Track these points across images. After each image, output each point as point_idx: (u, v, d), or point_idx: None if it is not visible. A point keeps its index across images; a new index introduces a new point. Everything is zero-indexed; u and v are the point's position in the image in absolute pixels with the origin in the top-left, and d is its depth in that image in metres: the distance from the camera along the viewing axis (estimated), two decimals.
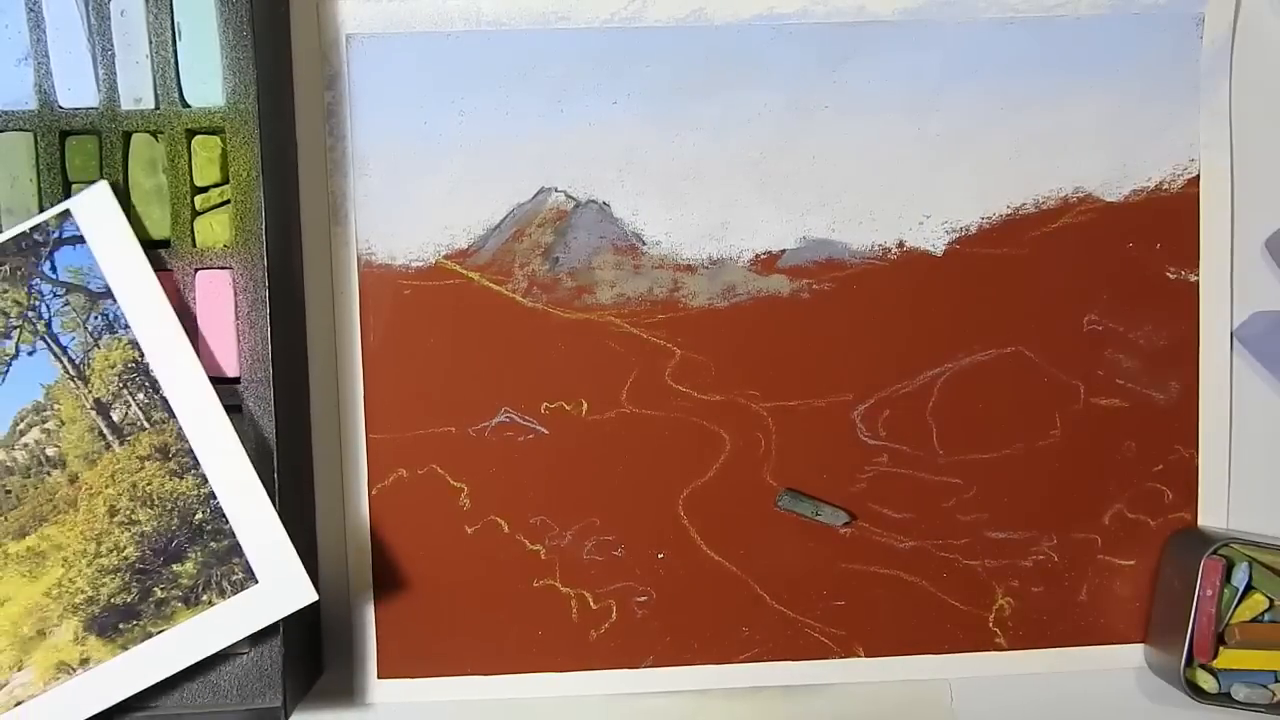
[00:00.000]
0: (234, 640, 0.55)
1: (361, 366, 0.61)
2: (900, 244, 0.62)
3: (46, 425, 0.56)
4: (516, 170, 0.61)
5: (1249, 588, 0.60)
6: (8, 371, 0.56)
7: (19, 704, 0.55)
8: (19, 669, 0.55)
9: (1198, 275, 0.63)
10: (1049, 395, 0.63)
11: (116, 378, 0.55)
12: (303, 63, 0.61)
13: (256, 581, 0.55)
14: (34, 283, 0.55)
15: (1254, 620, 0.60)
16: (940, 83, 0.62)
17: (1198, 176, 0.63)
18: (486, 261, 0.62)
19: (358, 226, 0.61)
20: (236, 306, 0.56)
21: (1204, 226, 0.63)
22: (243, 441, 0.55)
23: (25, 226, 0.55)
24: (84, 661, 0.55)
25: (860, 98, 0.62)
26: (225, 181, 0.57)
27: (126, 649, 0.55)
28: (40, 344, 0.55)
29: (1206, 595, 0.60)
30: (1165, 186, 0.63)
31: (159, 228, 0.57)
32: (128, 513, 0.55)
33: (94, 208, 0.55)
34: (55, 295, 0.55)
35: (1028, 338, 0.63)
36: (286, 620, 0.56)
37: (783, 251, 0.62)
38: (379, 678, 0.63)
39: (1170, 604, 0.62)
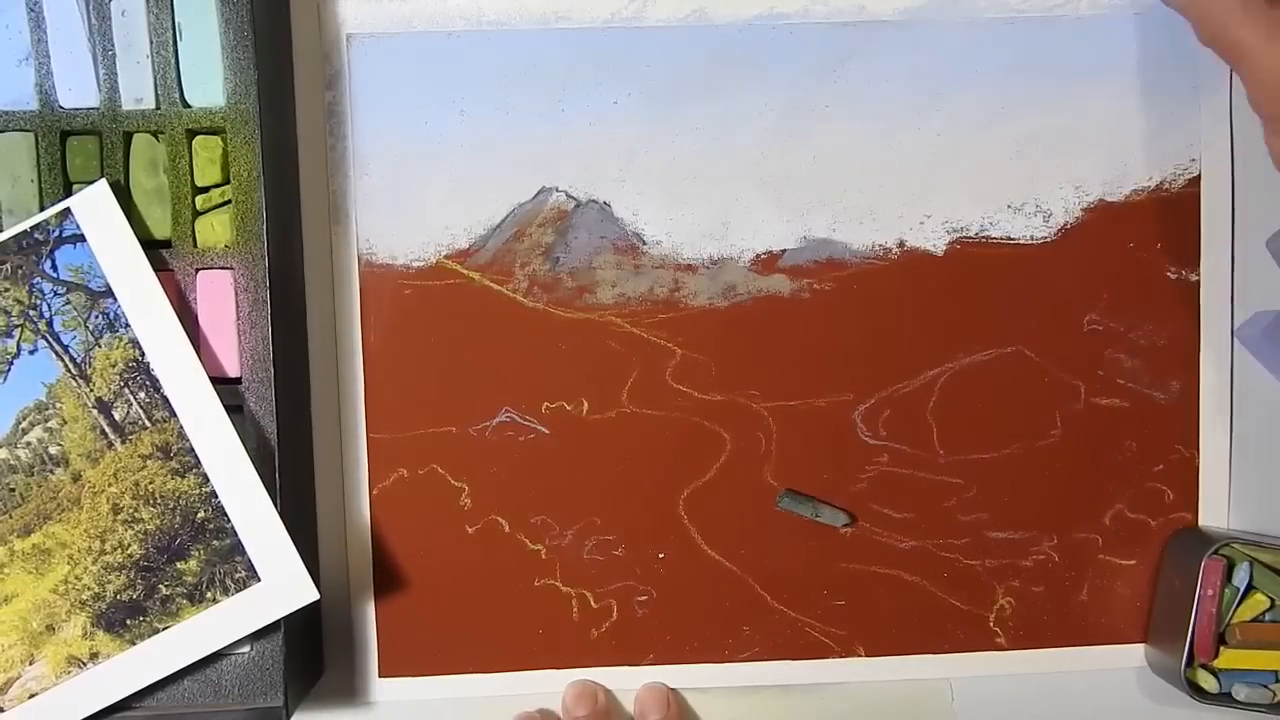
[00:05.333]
0: (238, 637, 0.55)
1: (362, 366, 0.62)
2: (901, 244, 0.62)
3: (49, 424, 0.56)
4: (517, 170, 0.61)
5: (1250, 587, 0.60)
6: (9, 370, 0.56)
7: (32, 696, 0.55)
8: (30, 663, 0.55)
9: (1198, 275, 0.63)
10: (1049, 395, 0.63)
11: (118, 376, 0.56)
12: (303, 63, 0.61)
13: (259, 580, 0.55)
14: (35, 281, 0.56)
15: (1255, 620, 0.60)
16: (941, 83, 0.62)
17: (1198, 176, 0.62)
18: (487, 261, 0.62)
19: (358, 226, 0.61)
20: (237, 307, 0.57)
21: (1204, 226, 0.63)
22: (244, 441, 0.55)
23: (26, 225, 0.56)
24: (94, 656, 0.55)
25: (860, 98, 0.62)
26: (226, 182, 0.57)
27: (135, 644, 0.55)
28: (41, 343, 0.56)
29: (1207, 595, 0.60)
30: (1166, 186, 0.63)
31: (160, 228, 0.57)
32: (131, 511, 0.56)
33: (94, 206, 0.55)
34: (56, 294, 0.56)
35: (1028, 338, 0.63)
36: (288, 619, 0.56)
37: (783, 251, 0.62)
38: (380, 676, 0.63)
39: (1171, 604, 0.62)
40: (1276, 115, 0.52)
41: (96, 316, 0.56)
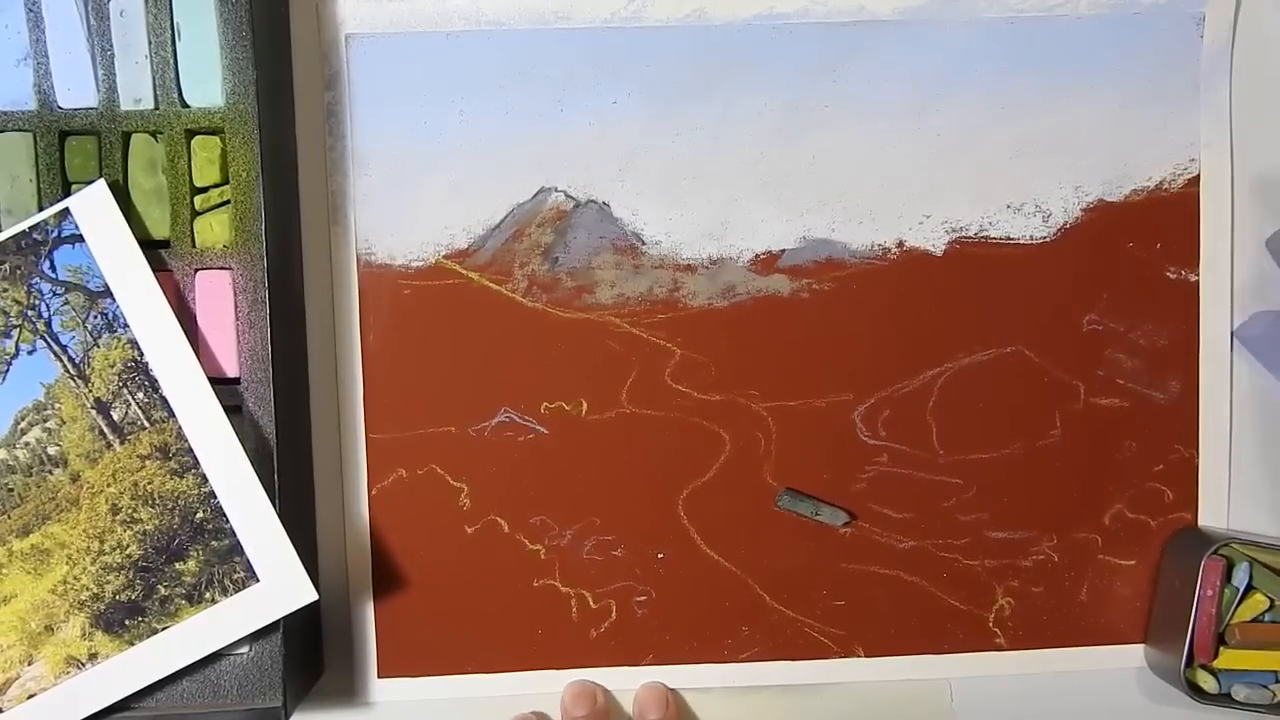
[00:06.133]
0: (237, 637, 0.55)
1: (361, 366, 0.62)
2: (900, 244, 0.62)
3: (47, 424, 0.56)
4: (516, 170, 0.61)
5: (1249, 588, 0.60)
6: (8, 371, 0.56)
7: (31, 696, 0.55)
8: (29, 663, 0.55)
9: (1198, 275, 0.63)
10: (1049, 395, 0.63)
11: (116, 377, 0.55)
12: (303, 63, 0.61)
13: (258, 580, 0.55)
14: (34, 282, 0.56)
15: (1254, 620, 0.60)
16: (940, 83, 0.62)
17: (1198, 176, 0.62)
18: (486, 261, 0.62)
19: (358, 226, 0.61)
20: (236, 307, 0.57)
21: (1204, 226, 0.63)
22: (243, 441, 0.55)
23: (24, 225, 0.55)
24: (92, 656, 0.55)
25: (860, 98, 0.62)
26: (225, 182, 0.57)
27: (133, 645, 0.55)
28: (40, 343, 0.56)
29: (1207, 595, 0.60)
30: (1165, 186, 0.63)
31: (159, 228, 0.57)
32: (129, 511, 0.55)
33: (92, 206, 0.55)
34: (55, 294, 0.56)
35: (1028, 338, 0.63)
36: (287, 620, 0.56)
37: (783, 251, 0.62)
38: (379, 677, 0.63)
39: (1171, 604, 0.62)
40: None
41: (95, 317, 0.56)
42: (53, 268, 0.56)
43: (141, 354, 0.55)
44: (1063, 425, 0.63)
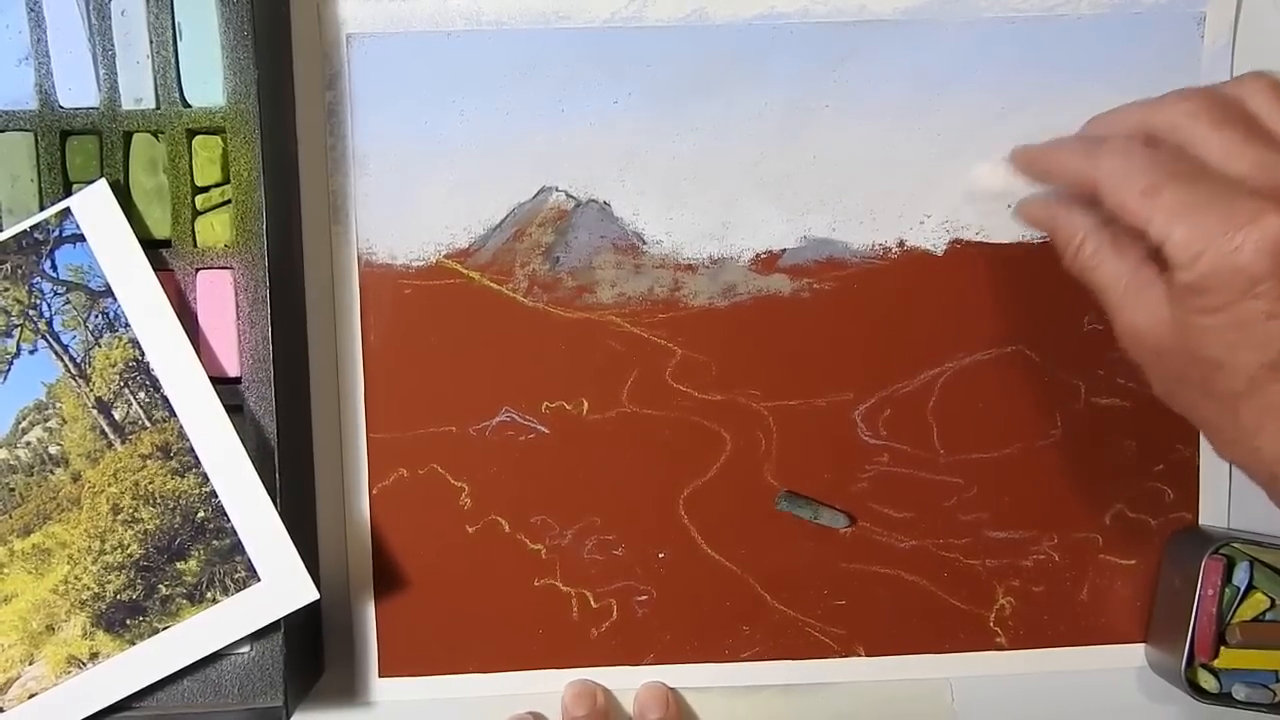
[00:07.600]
0: (238, 637, 0.55)
1: (362, 366, 0.62)
2: (901, 244, 0.62)
3: (49, 424, 0.56)
4: (517, 170, 0.61)
5: (1250, 587, 0.60)
6: (9, 370, 0.56)
7: (32, 696, 0.55)
8: (30, 663, 0.55)
9: None
10: (1049, 395, 0.63)
11: (117, 376, 0.56)
12: (303, 63, 0.61)
13: (259, 580, 0.55)
14: (35, 281, 0.56)
15: (1255, 620, 0.60)
16: (940, 83, 0.62)
17: None
18: (487, 261, 0.62)
19: (358, 226, 0.61)
20: (237, 306, 0.57)
21: None
22: (244, 441, 0.55)
23: (25, 225, 0.56)
24: (93, 656, 0.55)
25: (860, 97, 0.62)
26: (226, 181, 0.57)
27: (134, 644, 0.55)
28: (41, 343, 0.56)
29: (1207, 595, 0.60)
30: None
31: (160, 227, 0.57)
32: (130, 511, 0.56)
33: (93, 206, 0.55)
34: (56, 294, 0.56)
35: (1028, 337, 0.63)
36: (287, 619, 0.56)
37: (783, 251, 0.62)
38: (380, 676, 0.63)
39: (1171, 603, 0.62)
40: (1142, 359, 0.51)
41: (96, 316, 0.56)
42: (54, 267, 0.56)
43: (143, 353, 0.55)
44: (1063, 425, 0.63)
